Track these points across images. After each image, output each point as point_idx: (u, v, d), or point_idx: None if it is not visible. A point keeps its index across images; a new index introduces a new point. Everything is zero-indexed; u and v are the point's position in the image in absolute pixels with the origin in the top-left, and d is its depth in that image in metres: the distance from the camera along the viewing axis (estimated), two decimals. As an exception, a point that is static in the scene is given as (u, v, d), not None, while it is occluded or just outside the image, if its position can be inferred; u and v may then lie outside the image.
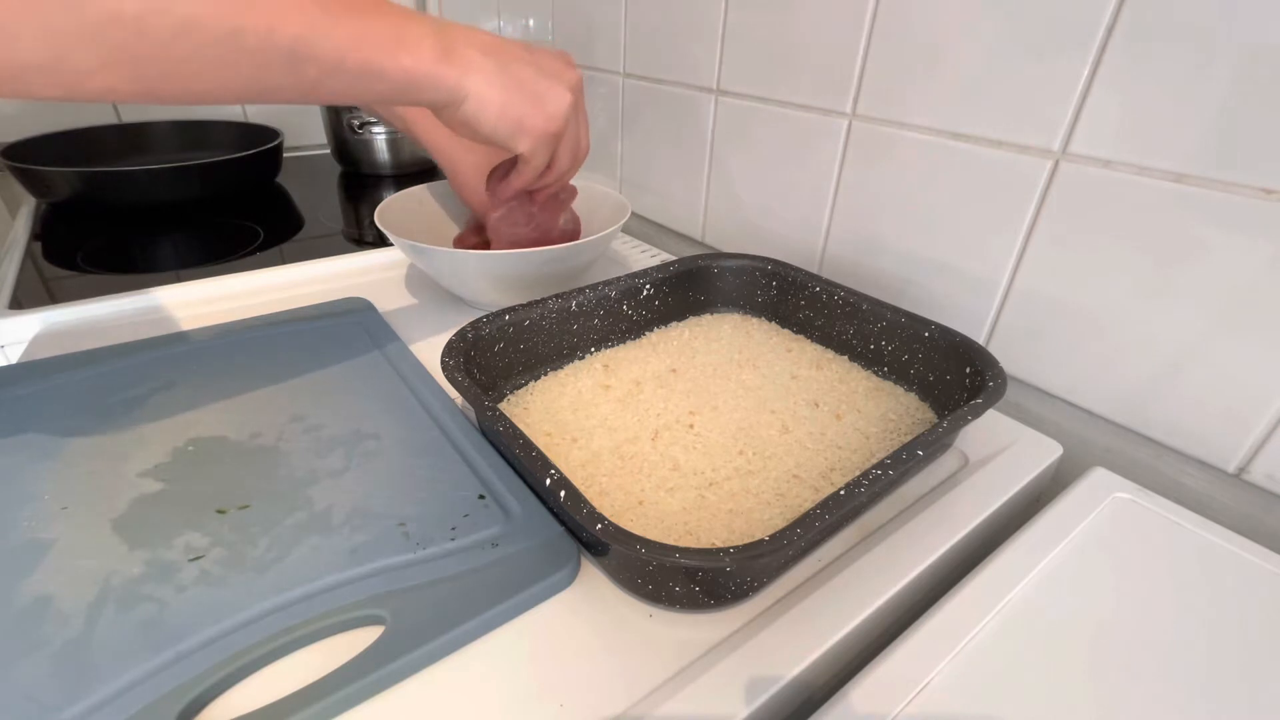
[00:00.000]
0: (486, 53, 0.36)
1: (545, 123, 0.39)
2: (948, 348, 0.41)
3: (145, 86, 0.27)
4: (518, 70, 0.37)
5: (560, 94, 0.39)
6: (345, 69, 0.31)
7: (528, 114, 0.38)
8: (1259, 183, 0.33)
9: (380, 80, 0.32)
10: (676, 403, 0.42)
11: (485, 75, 0.35)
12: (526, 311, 0.43)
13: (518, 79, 0.37)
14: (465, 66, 0.35)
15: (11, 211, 0.89)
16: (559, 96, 0.39)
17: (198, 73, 0.27)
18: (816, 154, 0.54)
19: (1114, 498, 0.36)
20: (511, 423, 0.33)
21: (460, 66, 0.35)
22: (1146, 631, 0.29)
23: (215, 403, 0.40)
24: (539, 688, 0.26)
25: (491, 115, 0.36)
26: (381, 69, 0.32)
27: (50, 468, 0.35)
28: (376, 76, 0.32)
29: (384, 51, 0.32)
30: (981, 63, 0.42)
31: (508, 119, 0.37)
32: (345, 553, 0.30)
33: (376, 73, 0.32)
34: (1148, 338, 0.39)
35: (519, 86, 0.37)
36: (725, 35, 0.58)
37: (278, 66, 0.29)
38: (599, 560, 0.31)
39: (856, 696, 0.25)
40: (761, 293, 0.52)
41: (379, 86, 0.33)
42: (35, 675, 0.25)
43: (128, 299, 0.53)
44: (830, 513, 0.28)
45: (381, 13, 0.32)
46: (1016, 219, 0.43)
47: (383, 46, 0.32)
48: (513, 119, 0.37)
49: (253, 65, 0.28)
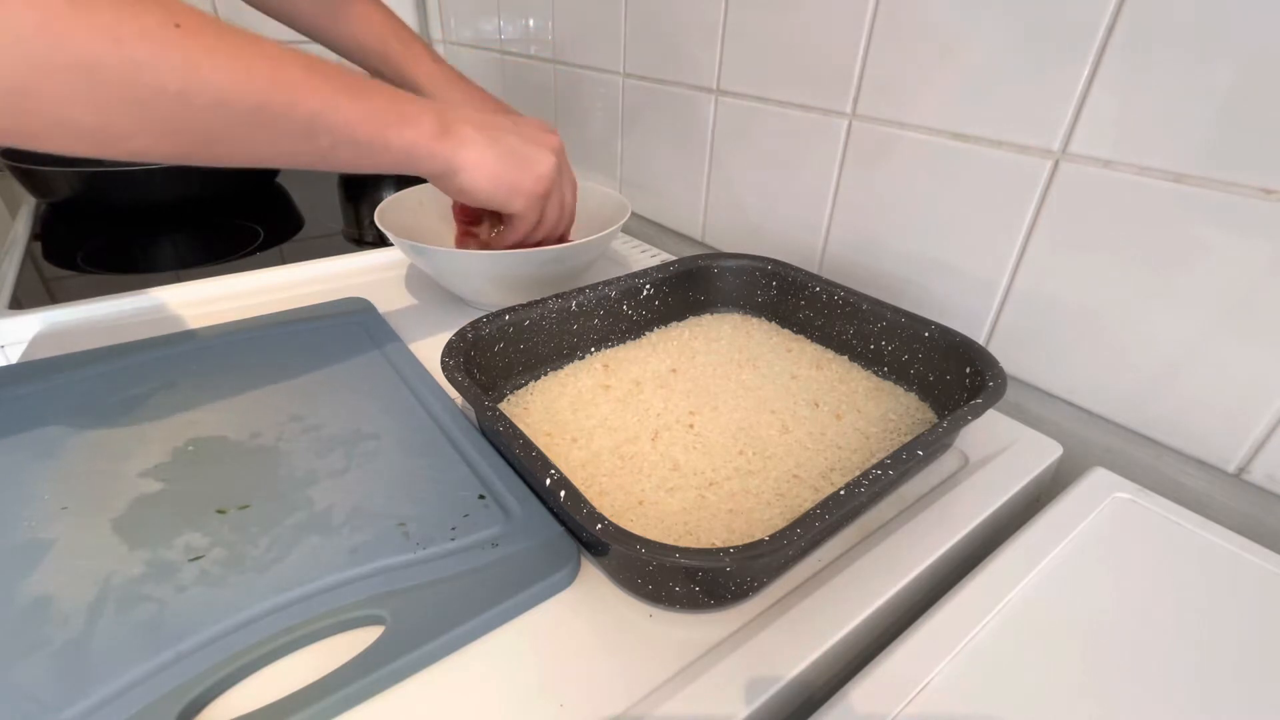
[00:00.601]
0: (478, 128, 0.41)
1: (534, 184, 0.44)
2: (948, 348, 0.41)
3: (178, 150, 0.30)
4: (506, 140, 0.42)
5: (545, 157, 0.44)
6: (355, 140, 0.35)
7: (518, 178, 0.42)
8: (1259, 183, 0.33)
9: (386, 152, 0.37)
10: (676, 403, 0.42)
11: (478, 147, 0.40)
12: (526, 311, 0.43)
13: (507, 148, 0.42)
14: (460, 140, 0.40)
15: (11, 211, 0.89)
16: (544, 159, 0.44)
17: (225, 140, 0.31)
18: (816, 154, 0.54)
19: (1114, 498, 0.36)
20: (511, 423, 0.33)
21: (455, 140, 0.40)
22: (1146, 631, 0.29)
23: (215, 403, 0.40)
24: (539, 688, 0.26)
25: (486, 181, 0.41)
26: (387, 142, 0.36)
27: (50, 468, 0.35)
28: (382, 148, 0.36)
29: (390, 126, 0.36)
30: (982, 63, 0.42)
31: (501, 184, 0.42)
32: (345, 553, 0.30)
33: (382, 145, 0.36)
34: (1148, 338, 0.39)
35: (509, 154, 0.42)
36: (725, 35, 0.58)
37: (296, 137, 0.33)
38: (599, 560, 0.31)
39: (856, 696, 0.25)
40: (761, 293, 0.52)
41: (384, 158, 0.37)
42: (35, 675, 0.25)
43: (128, 299, 0.53)
44: (830, 513, 0.28)
45: (386, 95, 0.37)
46: (1016, 219, 0.43)
47: (388, 122, 0.36)
48: (506, 183, 0.42)
49: (274, 135, 0.32)
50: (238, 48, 0.30)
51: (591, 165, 0.82)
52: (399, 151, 0.37)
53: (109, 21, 0.26)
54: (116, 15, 0.26)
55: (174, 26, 0.28)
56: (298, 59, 0.32)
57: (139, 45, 0.26)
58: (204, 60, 0.28)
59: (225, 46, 0.29)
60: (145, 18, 0.27)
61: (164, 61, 0.27)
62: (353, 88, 0.34)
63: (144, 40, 0.26)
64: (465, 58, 1.08)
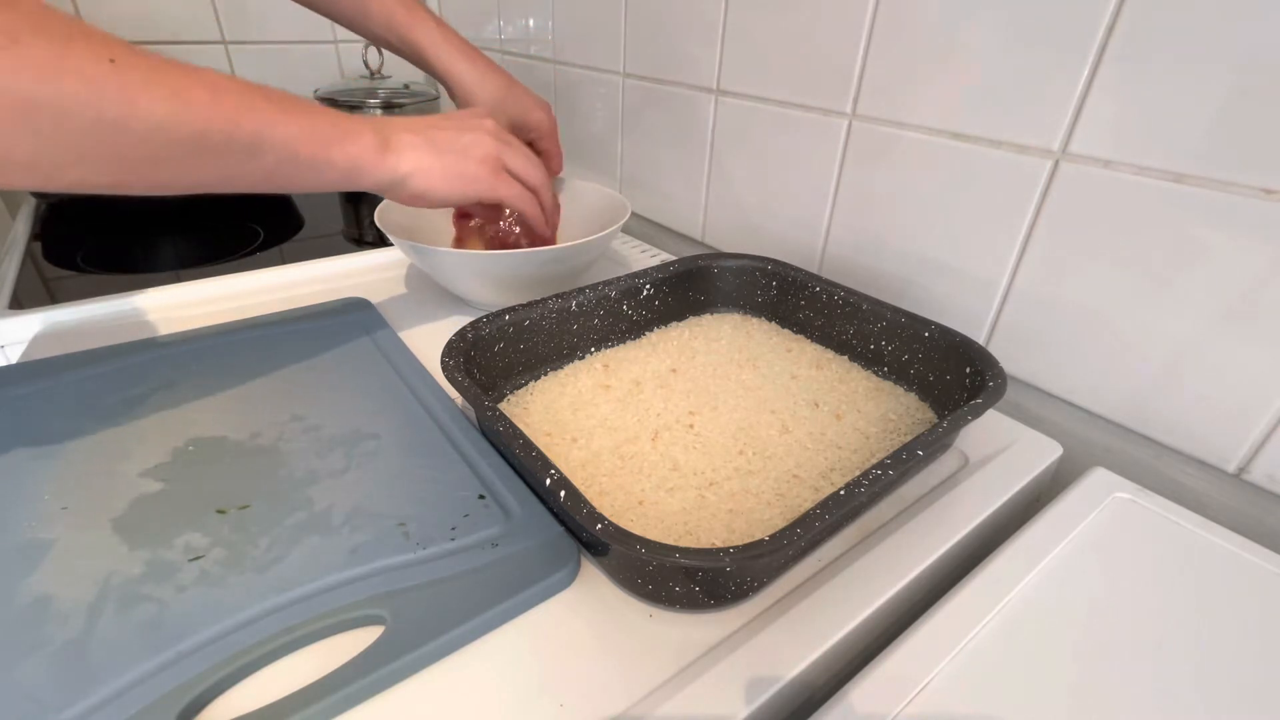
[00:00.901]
0: (413, 133, 0.42)
1: (479, 165, 0.44)
2: (948, 348, 0.41)
3: (119, 180, 0.30)
4: (440, 137, 0.42)
5: (480, 139, 0.44)
6: (298, 157, 0.35)
7: (464, 166, 0.43)
8: (1259, 183, 0.33)
9: (330, 168, 0.37)
10: (676, 403, 0.42)
11: (418, 151, 0.41)
12: (526, 311, 0.43)
13: (444, 144, 0.42)
14: (400, 148, 0.40)
15: (11, 211, 0.89)
16: (480, 141, 0.44)
17: (167, 166, 0.31)
18: (816, 154, 0.54)
19: (1114, 498, 0.36)
20: (511, 423, 0.33)
21: (396, 149, 0.40)
22: (1146, 631, 0.29)
23: (215, 403, 0.40)
24: (539, 688, 0.26)
25: (438, 181, 0.42)
26: (330, 157, 0.37)
27: (50, 468, 0.35)
28: (326, 164, 0.37)
29: (332, 143, 0.37)
30: (982, 63, 0.42)
31: (452, 178, 0.42)
32: (345, 553, 0.30)
33: (326, 161, 0.37)
34: (1148, 338, 0.39)
35: (447, 149, 0.42)
36: (725, 35, 0.58)
37: (239, 157, 0.33)
38: (599, 560, 0.31)
39: (856, 696, 0.25)
40: (761, 293, 0.52)
41: (329, 174, 0.38)
42: (35, 675, 0.25)
43: (128, 299, 0.53)
44: (830, 513, 0.28)
45: (325, 113, 0.38)
46: (1016, 219, 0.43)
47: (331, 139, 0.37)
48: (455, 174, 0.42)
49: (217, 158, 0.32)
50: (174, 77, 0.30)
51: (591, 165, 0.82)
52: (344, 166, 0.38)
53: (42, 59, 0.26)
54: (49, 53, 0.26)
55: (109, 61, 0.28)
56: (235, 84, 0.33)
57: (73, 81, 0.26)
58: (140, 92, 0.29)
59: (161, 77, 0.29)
60: (79, 54, 0.27)
61: (100, 95, 0.27)
62: (292, 108, 0.35)
63: (78, 76, 0.27)
64: (465, 58, 1.08)
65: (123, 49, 0.28)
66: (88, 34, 0.28)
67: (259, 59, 0.95)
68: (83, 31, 0.28)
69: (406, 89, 0.91)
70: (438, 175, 0.42)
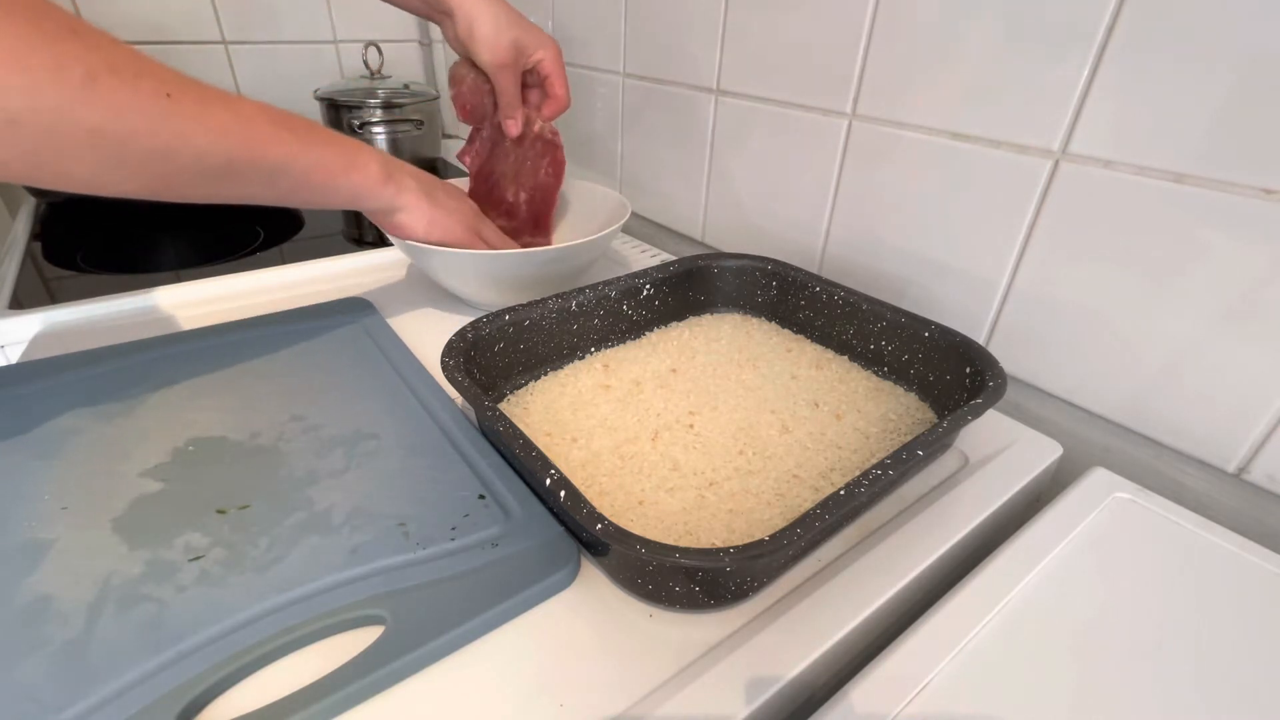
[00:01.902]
0: (417, 179, 0.48)
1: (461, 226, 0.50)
2: (948, 348, 0.41)
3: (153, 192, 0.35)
4: (437, 194, 0.49)
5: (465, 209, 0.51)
6: (311, 183, 0.41)
7: (447, 221, 0.49)
8: (1259, 183, 0.33)
9: (336, 193, 0.43)
10: (676, 403, 0.42)
11: (414, 195, 0.47)
12: (526, 311, 0.43)
13: (438, 199, 0.48)
14: (401, 186, 0.46)
15: (11, 211, 0.89)
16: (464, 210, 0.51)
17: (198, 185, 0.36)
18: (816, 154, 0.54)
19: (1114, 498, 0.36)
20: (511, 423, 0.33)
21: (397, 186, 0.46)
22: (1146, 631, 0.29)
23: (215, 403, 0.40)
24: (539, 688, 0.26)
25: (421, 223, 0.48)
26: (337, 184, 0.42)
27: (50, 468, 0.35)
28: (334, 189, 0.42)
29: (340, 170, 0.42)
30: (981, 63, 0.42)
31: (433, 224, 0.48)
32: (345, 553, 0.30)
33: (334, 186, 0.42)
34: (1148, 338, 0.39)
35: (440, 203, 0.48)
36: (725, 35, 0.58)
37: (260, 183, 0.38)
38: (599, 560, 0.31)
39: (856, 696, 0.25)
40: (761, 293, 0.52)
41: (335, 198, 0.43)
42: (35, 675, 0.25)
43: (128, 299, 0.53)
44: (830, 513, 0.28)
45: (338, 141, 0.42)
46: (1017, 219, 0.43)
47: (339, 167, 0.42)
48: (438, 225, 0.48)
49: (241, 181, 0.37)
50: (216, 110, 0.34)
51: (591, 165, 0.82)
52: (347, 192, 0.43)
53: (115, 98, 0.30)
54: (121, 91, 0.30)
55: (166, 96, 0.32)
56: (264, 115, 0.37)
57: (137, 117, 0.31)
58: (188, 125, 0.33)
59: (205, 113, 0.34)
60: (147, 92, 0.31)
61: (157, 129, 0.32)
62: (311, 138, 0.40)
63: (142, 113, 0.31)
64: (465, 58, 1.08)
65: (176, 83, 0.33)
66: (152, 71, 0.32)
67: (259, 59, 0.95)
68: (149, 69, 0.31)
69: (406, 89, 0.91)
70: (423, 219, 0.48)
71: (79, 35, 0.29)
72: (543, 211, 0.59)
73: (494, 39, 0.52)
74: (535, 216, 0.59)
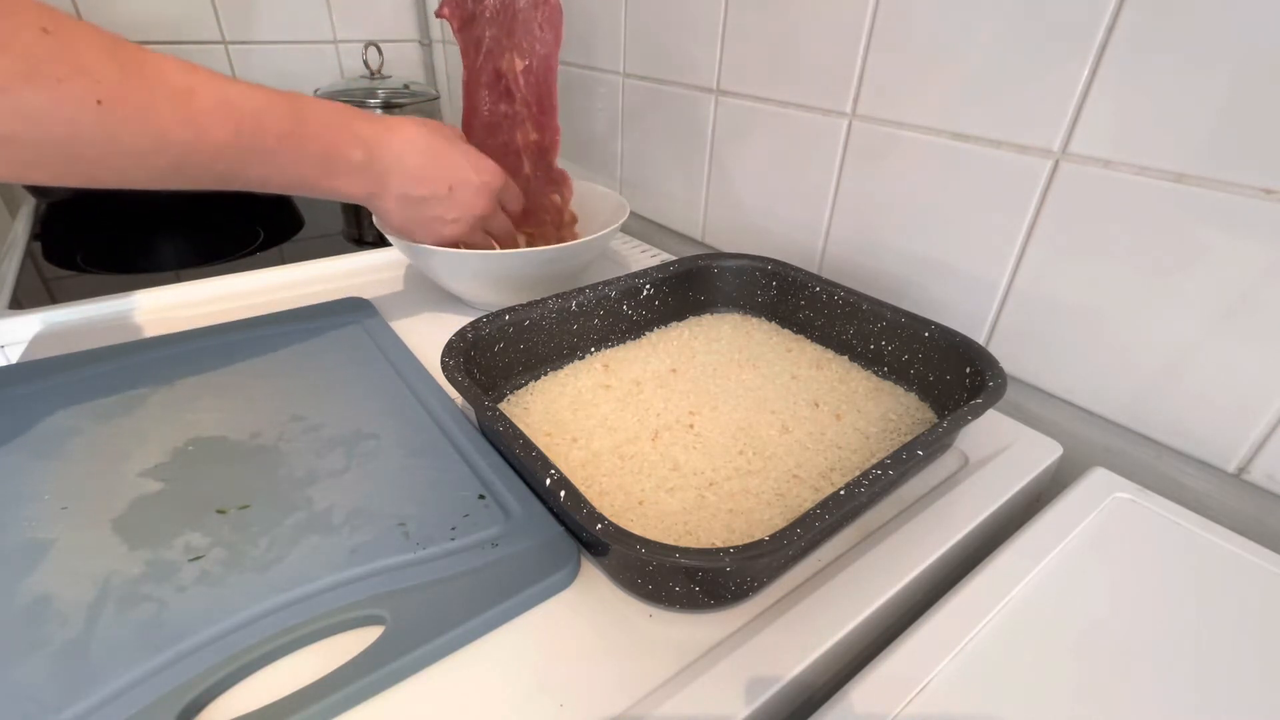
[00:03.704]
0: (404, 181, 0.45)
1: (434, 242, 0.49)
2: (948, 348, 0.41)
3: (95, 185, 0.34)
4: (424, 209, 0.47)
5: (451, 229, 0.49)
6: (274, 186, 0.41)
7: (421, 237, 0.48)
8: (1259, 183, 0.33)
9: (309, 191, 0.43)
10: (676, 403, 0.42)
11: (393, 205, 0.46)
12: (526, 311, 0.43)
13: (419, 217, 0.47)
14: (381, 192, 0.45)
15: (11, 211, 0.89)
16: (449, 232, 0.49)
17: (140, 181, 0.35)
18: (816, 154, 0.54)
19: (1114, 498, 0.36)
20: (511, 423, 0.33)
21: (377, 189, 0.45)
22: (1146, 631, 0.29)
23: (215, 403, 0.40)
24: (539, 688, 0.26)
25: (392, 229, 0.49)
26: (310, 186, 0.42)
27: (50, 468, 0.35)
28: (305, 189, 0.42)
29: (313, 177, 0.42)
30: (981, 62, 0.42)
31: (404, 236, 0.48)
32: (345, 553, 0.30)
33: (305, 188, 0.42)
34: (1148, 337, 0.39)
35: (417, 221, 0.47)
36: (725, 35, 0.58)
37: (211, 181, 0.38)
38: (599, 560, 0.31)
39: (856, 696, 0.25)
40: (761, 293, 0.52)
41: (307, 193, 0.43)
42: (35, 675, 0.25)
43: (128, 299, 0.53)
44: (830, 513, 0.28)
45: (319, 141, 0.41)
46: (1017, 219, 0.42)
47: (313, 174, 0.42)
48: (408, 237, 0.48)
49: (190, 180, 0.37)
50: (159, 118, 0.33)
51: (591, 165, 0.82)
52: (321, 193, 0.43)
53: (26, 105, 0.29)
54: (33, 97, 0.29)
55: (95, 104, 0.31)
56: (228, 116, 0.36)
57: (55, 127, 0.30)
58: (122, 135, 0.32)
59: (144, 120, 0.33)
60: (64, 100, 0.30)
61: (81, 139, 0.31)
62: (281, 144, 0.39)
63: (61, 122, 0.30)
64: (465, 58, 1.08)
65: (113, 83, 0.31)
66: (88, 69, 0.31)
67: (259, 59, 0.95)
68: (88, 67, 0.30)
69: (406, 89, 0.91)
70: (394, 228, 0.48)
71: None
72: (545, 87, 0.53)
73: None
74: (538, 93, 0.54)
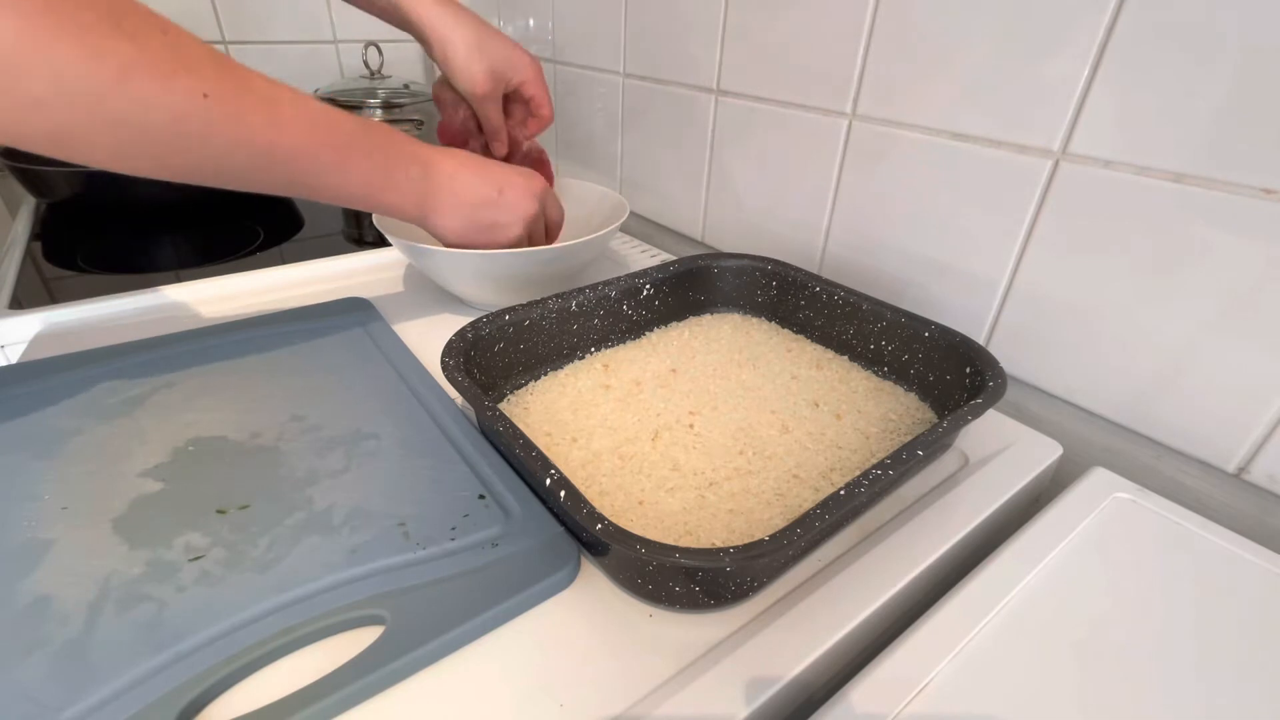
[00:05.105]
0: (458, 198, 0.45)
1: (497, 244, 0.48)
2: (948, 348, 0.41)
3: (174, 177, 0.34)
4: (481, 215, 0.46)
5: (512, 232, 0.48)
6: (339, 197, 0.40)
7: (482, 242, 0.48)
8: (1259, 183, 0.33)
9: (364, 205, 0.42)
10: (676, 403, 0.42)
11: (451, 220, 0.46)
12: (526, 311, 0.43)
13: (478, 224, 0.47)
14: (435, 209, 0.45)
15: (11, 211, 0.89)
16: (510, 234, 0.48)
17: (218, 179, 0.35)
18: (816, 154, 0.54)
19: (1114, 498, 0.36)
20: (511, 423, 0.33)
21: (432, 209, 0.45)
22: (1146, 631, 0.29)
23: (215, 403, 0.40)
24: (539, 687, 0.26)
25: (454, 238, 0.47)
26: (366, 201, 0.42)
27: (50, 468, 0.35)
28: (361, 204, 0.42)
29: (373, 191, 0.41)
30: (981, 62, 0.42)
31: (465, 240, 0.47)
32: (345, 553, 0.30)
33: (362, 202, 0.42)
34: (1148, 337, 0.39)
35: (476, 228, 0.47)
36: (725, 35, 0.58)
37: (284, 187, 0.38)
38: (599, 560, 0.31)
39: (856, 696, 0.25)
40: (761, 293, 0.52)
41: (361, 207, 0.42)
42: (35, 675, 0.25)
43: (128, 299, 0.53)
44: (830, 513, 0.28)
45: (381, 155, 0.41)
46: (1017, 219, 0.43)
47: (373, 187, 0.41)
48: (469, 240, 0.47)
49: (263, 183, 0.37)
50: (251, 117, 0.33)
51: (591, 165, 0.82)
52: (377, 208, 0.43)
53: (143, 93, 0.29)
54: (152, 87, 0.29)
55: (201, 97, 0.31)
56: (306, 123, 0.36)
57: (163, 115, 0.30)
58: (217, 128, 0.32)
59: (238, 117, 0.33)
60: (176, 91, 0.30)
61: (179, 128, 0.31)
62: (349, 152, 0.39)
63: (169, 110, 0.30)
64: (465, 58, 1.08)
65: (218, 81, 0.32)
66: (194, 67, 0.31)
67: (259, 59, 0.95)
68: (193, 65, 0.31)
69: (406, 89, 0.91)
70: (454, 241, 0.47)
71: (121, 26, 0.29)
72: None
73: (470, 69, 0.51)
74: None
